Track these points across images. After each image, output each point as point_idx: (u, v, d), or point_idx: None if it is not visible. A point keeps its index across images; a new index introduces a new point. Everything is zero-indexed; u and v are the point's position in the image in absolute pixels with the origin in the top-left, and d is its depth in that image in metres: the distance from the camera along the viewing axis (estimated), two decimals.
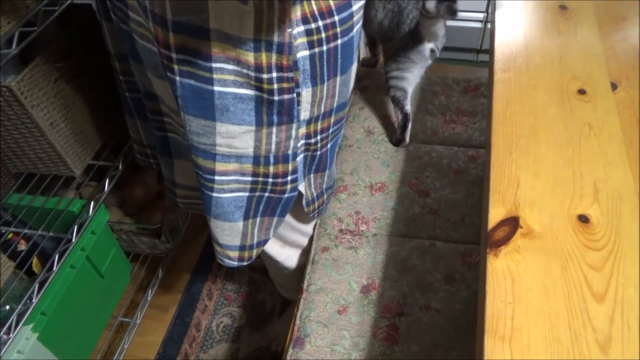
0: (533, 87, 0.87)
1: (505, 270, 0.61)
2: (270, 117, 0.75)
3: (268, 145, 0.79)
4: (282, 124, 0.77)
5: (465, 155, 1.26)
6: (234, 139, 0.76)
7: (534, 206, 0.68)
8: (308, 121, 0.80)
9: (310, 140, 0.84)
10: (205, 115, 0.73)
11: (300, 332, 0.95)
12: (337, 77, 0.78)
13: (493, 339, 0.55)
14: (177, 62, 0.68)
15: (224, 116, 0.73)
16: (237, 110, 0.72)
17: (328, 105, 0.81)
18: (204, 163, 0.80)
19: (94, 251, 1.14)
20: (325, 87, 0.77)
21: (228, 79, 0.69)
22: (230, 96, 0.71)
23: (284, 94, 0.73)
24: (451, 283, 0.99)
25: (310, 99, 0.77)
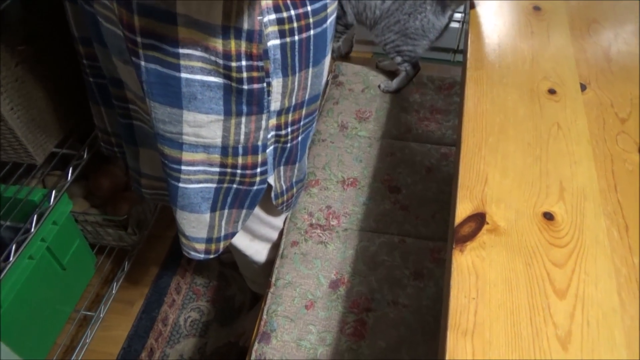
0: (504, 86, 0.88)
1: (470, 266, 0.61)
2: (239, 106, 0.73)
3: (237, 135, 0.77)
4: (251, 114, 0.75)
5: (437, 153, 1.26)
6: (202, 128, 0.74)
7: (500, 203, 0.68)
8: (279, 112, 0.79)
9: (280, 132, 0.82)
10: (171, 102, 0.71)
11: (266, 327, 0.94)
12: (309, 69, 0.77)
13: (455, 334, 0.55)
14: (143, 47, 0.65)
15: (191, 104, 0.71)
16: (204, 99, 0.70)
17: (300, 97, 0.79)
18: (170, 152, 0.77)
19: (55, 242, 1.10)
20: (297, 79, 0.76)
21: (196, 65, 0.67)
22: (197, 84, 0.69)
23: (254, 83, 0.71)
24: (419, 279, 0.99)
25: (281, 90, 0.75)
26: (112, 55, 0.75)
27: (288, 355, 0.90)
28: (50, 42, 1.09)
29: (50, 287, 1.13)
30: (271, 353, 0.90)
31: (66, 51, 1.11)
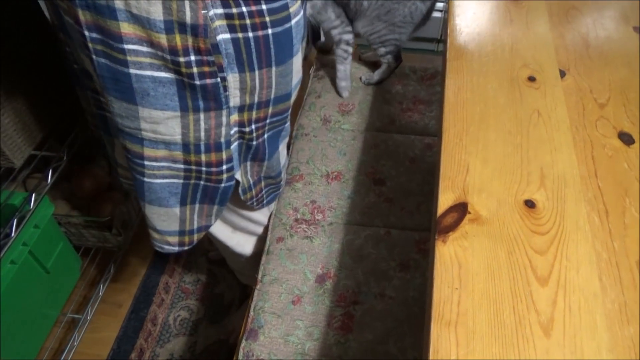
0: (484, 75, 0.88)
1: (452, 256, 0.61)
2: (195, 102, 0.72)
3: (197, 132, 0.76)
4: (209, 110, 0.73)
5: (421, 144, 1.26)
6: (159, 125, 0.73)
7: (482, 192, 0.68)
8: (240, 108, 0.77)
9: (244, 128, 0.81)
10: (125, 98, 0.69)
11: (254, 324, 0.93)
12: (272, 68, 0.75)
13: (439, 324, 0.55)
14: (91, 40, 0.64)
15: (144, 100, 0.69)
16: (158, 95, 0.69)
17: (264, 96, 0.78)
18: (132, 147, 0.76)
19: (37, 246, 1.09)
20: (258, 76, 0.74)
21: (144, 61, 0.66)
22: (148, 79, 0.67)
23: (206, 78, 0.69)
24: (406, 271, 1.00)
25: (239, 85, 0.74)
26: (77, 47, 0.73)
27: (276, 351, 0.90)
28: (23, 42, 1.06)
29: (34, 291, 1.11)
30: (259, 350, 0.90)
31: (40, 50, 1.09)
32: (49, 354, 1.28)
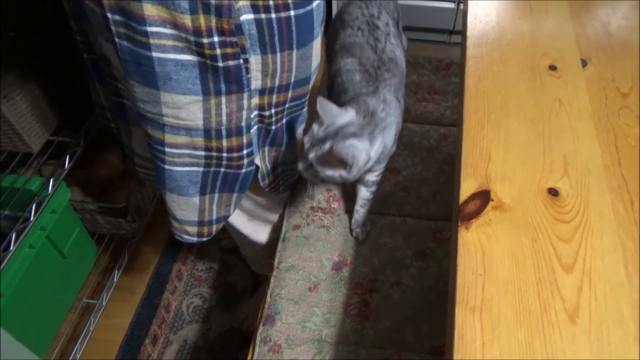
0: (504, 63, 0.87)
1: (476, 243, 0.61)
2: (217, 85, 0.71)
3: (218, 117, 0.75)
4: (231, 93, 0.73)
5: (437, 133, 1.25)
6: (180, 110, 0.73)
7: (504, 180, 0.68)
8: (261, 92, 0.77)
9: (264, 112, 0.81)
10: (147, 82, 0.69)
11: (270, 310, 0.94)
12: (293, 51, 0.75)
13: (464, 310, 0.55)
14: (113, 23, 0.64)
15: (167, 85, 0.69)
16: (180, 79, 0.69)
17: (284, 79, 0.78)
18: (153, 133, 0.76)
19: (55, 231, 1.09)
20: (279, 59, 0.74)
21: (167, 44, 0.65)
22: (171, 63, 0.67)
23: (229, 59, 0.69)
24: (422, 259, 0.99)
25: (261, 67, 0.73)
26: (96, 33, 0.73)
27: (293, 337, 0.90)
28: (40, 28, 1.07)
29: (51, 276, 1.12)
30: (276, 335, 0.90)
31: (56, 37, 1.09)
32: (65, 339, 1.29)
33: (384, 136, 0.86)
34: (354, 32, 1.00)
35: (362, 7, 1.04)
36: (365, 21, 1.01)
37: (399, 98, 0.95)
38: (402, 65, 1.02)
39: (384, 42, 0.99)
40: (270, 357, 0.88)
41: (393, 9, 1.10)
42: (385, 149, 0.88)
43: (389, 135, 0.88)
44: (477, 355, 0.51)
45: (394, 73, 0.96)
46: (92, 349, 1.30)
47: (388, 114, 0.88)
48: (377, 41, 0.98)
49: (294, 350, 0.88)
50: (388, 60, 0.97)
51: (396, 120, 0.91)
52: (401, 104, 0.96)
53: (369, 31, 1.00)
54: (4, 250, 0.94)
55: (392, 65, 0.96)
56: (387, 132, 0.87)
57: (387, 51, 0.98)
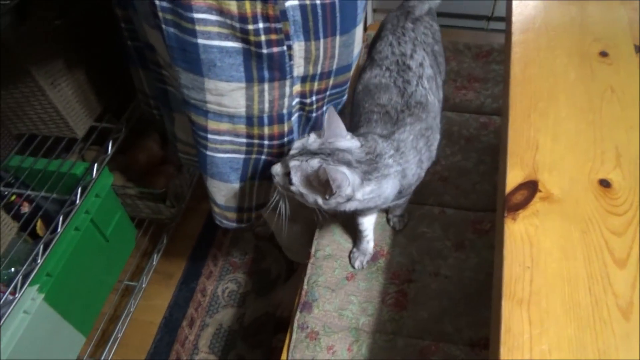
0: (552, 49, 0.84)
1: (523, 234, 0.59)
2: (260, 72, 0.71)
3: (261, 104, 0.76)
4: (274, 80, 0.73)
5: (476, 122, 1.23)
6: (224, 97, 0.73)
7: (553, 170, 0.66)
8: (303, 79, 0.77)
9: (305, 100, 0.80)
10: (192, 69, 0.70)
11: (307, 297, 0.94)
12: (337, 37, 0.74)
13: (511, 302, 0.54)
14: (161, 10, 0.65)
15: (211, 72, 0.69)
16: (224, 66, 0.69)
17: (327, 66, 0.77)
18: (196, 119, 0.77)
19: (98, 214, 1.13)
20: (322, 46, 0.73)
21: (212, 31, 0.66)
22: (215, 50, 0.67)
23: (273, 46, 0.69)
24: (461, 250, 0.98)
25: (304, 54, 0.73)
26: (142, 20, 0.74)
27: (330, 324, 0.90)
28: (84, 16, 1.09)
29: (95, 258, 1.16)
30: (313, 322, 0.91)
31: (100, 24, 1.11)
32: (106, 319, 1.34)
33: (380, 184, 0.75)
34: (381, 72, 0.88)
35: (393, 44, 0.91)
36: (395, 61, 0.89)
37: (420, 147, 0.82)
38: (435, 109, 0.88)
39: (415, 85, 0.87)
40: (308, 343, 0.89)
41: (432, 41, 0.95)
42: (378, 198, 0.77)
43: (388, 185, 0.77)
44: (525, 349, 0.50)
45: (420, 117, 0.84)
46: (132, 330, 1.34)
47: (395, 163, 0.78)
48: (406, 84, 0.86)
49: (331, 338, 0.89)
50: (415, 104, 0.85)
51: (404, 173, 0.80)
52: (423, 153, 0.83)
53: (398, 72, 0.88)
54: (51, 232, 0.98)
55: (418, 110, 0.84)
56: (385, 181, 0.76)
57: (417, 95, 0.86)
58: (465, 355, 0.85)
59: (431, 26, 0.98)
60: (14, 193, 1.09)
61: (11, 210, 1.05)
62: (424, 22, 0.97)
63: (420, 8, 0.98)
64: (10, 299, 0.90)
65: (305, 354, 0.88)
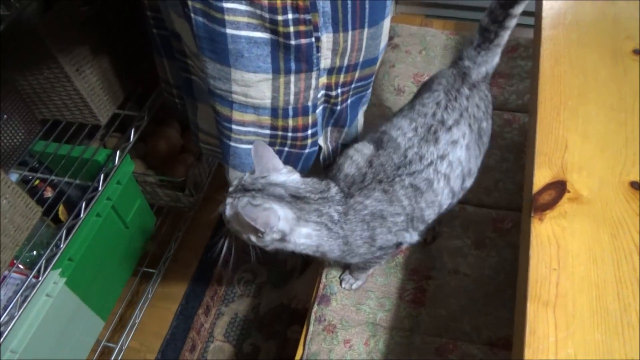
0: (583, 46, 0.82)
1: (550, 236, 0.58)
2: (287, 64, 0.71)
3: (286, 96, 0.75)
4: (300, 72, 0.73)
5: (500, 119, 1.21)
6: (250, 88, 0.73)
7: (582, 170, 0.65)
8: (329, 71, 0.76)
9: (330, 92, 0.80)
10: (219, 59, 0.69)
11: (326, 290, 0.94)
12: (365, 29, 0.73)
13: (536, 304, 0.53)
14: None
15: (238, 62, 0.69)
16: (252, 57, 0.69)
17: (353, 59, 0.76)
18: (221, 109, 0.77)
19: (119, 201, 1.14)
20: (350, 37, 0.73)
21: (241, 21, 0.65)
22: (244, 40, 0.67)
23: (302, 37, 0.68)
24: (481, 249, 0.97)
25: (332, 46, 0.72)
26: (169, 8, 0.74)
27: (347, 318, 0.90)
28: (111, 3, 1.09)
29: (115, 244, 1.17)
30: (331, 315, 0.91)
31: (126, 12, 1.11)
32: (124, 304, 1.36)
33: (319, 232, 0.69)
34: (406, 127, 0.77)
35: (440, 104, 0.78)
36: (429, 126, 0.76)
37: (373, 225, 0.72)
38: (434, 202, 0.75)
39: (425, 165, 0.74)
40: (325, 336, 0.89)
41: (482, 115, 0.81)
42: (317, 249, 0.71)
43: (328, 239, 0.71)
44: (550, 352, 0.49)
45: (394, 200, 0.72)
46: (149, 315, 1.36)
47: (338, 224, 0.70)
48: (418, 157, 0.74)
49: (348, 332, 0.89)
50: (408, 185, 0.73)
51: (346, 240, 0.72)
52: (377, 234, 0.73)
53: (421, 140, 0.75)
54: (74, 218, 0.99)
55: (403, 192, 0.73)
56: (326, 232, 0.70)
57: (419, 177, 0.74)
58: (483, 354, 0.84)
59: (486, 96, 0.85)
60: (37, 178, 1.10)
61: (35, 194, 1.07)
62: (481, 90, 0.83)
63: (477, 72, 0.84)
64: (33, 282, 0.92)
65: (322, 347, 0.88)
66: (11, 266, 0.96)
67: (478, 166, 0.82)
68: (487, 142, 0.85)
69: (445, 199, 0.77)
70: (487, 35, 0.82)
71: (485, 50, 0.83)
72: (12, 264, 0.96)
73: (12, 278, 0.96)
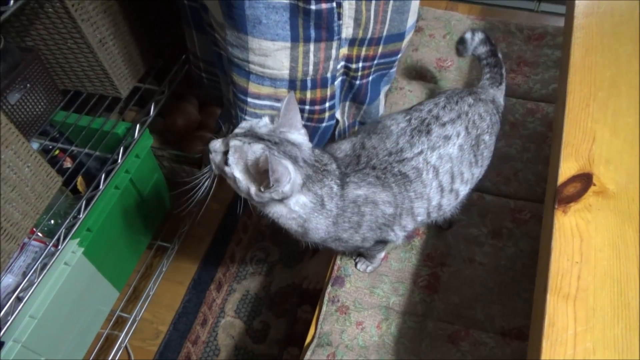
0: (617, 36, 0.80)
1: (573, 228, 0.58)
2: (307, 31, 0.69)
3: (305, 66, 0.73)
4: (320, 41, 0.71)
5: (523, 108, 1.19)
6: (267, 57, 0.71)
7: (609, 164, 0.63)
8: (351, 42, 0.74)
9: (350, 65, 0.78)
10: (237, 25, 0.68)
11: (340, 272, 0.95)
12: (390, 1, 0.71)
13: (556, 297, 0.52)
14: None
15: (255, 29, 0.67)
16: (270, 23, 0.67)
17: (377, 32, 0.74)
18: (238, 80, 0.76)
19: (137, 174, 1.15)
20: (374, 7, 0.70)
21: None
22: (262, 5, 0.65)
23: (322, 2, 0.66)
24: (498, 238, 0.96)
25: (354, 15, 0.70)
26: None
27: (361, 300, 0.91)
28: None
29: (131, 217, 1.19)
30: (344, 297, 0.91)
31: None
32: (139, 277, 1.38)
33: (315, 205, 0.69)
34: (400, 119, 0.77)
35: (438, 104, 0.79)
36: (423, 119, 0.76)
37: (364, 211, 0.72)
38: (422, 194, 0.75)
39: (415, 153, 0.74)
40: (338, 316, 0.89)
41: (486, 128, 0.80)
42: (302, 225, 0.71)
43: (319, 216, 0.70)
44: (569, 345, 0.49)
45: (384, 185, 0.72)
46: (163, 288, 1.38)
47: (335, 204, 0.70)
48: (408, 146, 0.74)
49: (361, 314, 0.89)
50: (397, 172, 0.73)
51: (336, 220, 0.72)
52: (365, 221, 0.73)
53: (413, 130, 0.75)
54: (93, 189, 1.00)
55: (392, 179, 0.73)
56: (319, 208, 0.70)
57: (408, 164, 0.73)
58: (495, 343, 0.84)
59: (494, 115, 0.84)
60: (58, 148, 1.11)
61: (55, 164, 1.08)
62: (488, 106, 0.83)
63: (486, 93, 0.86)
64: (52, 250, 0.93)
65: (335, 327, 0.88)
66: (31, 234, 0.98)
67: (474, 175, 0.82)
68: (488, 158, 0.85)
69: (434, 193, 0.77)
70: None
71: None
72: (32, 231, 0.97)
73: (32, 245, 0.98)
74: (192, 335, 1.31)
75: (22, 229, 0.87)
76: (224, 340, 1.31)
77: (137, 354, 1.27)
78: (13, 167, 0.82)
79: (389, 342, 0.86)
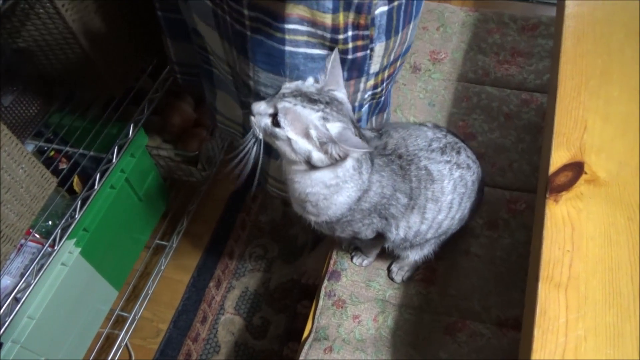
0: (609, 24, 0.79)
1: (565, 217, 0.58)
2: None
3: None
4: (350, 79, 0.74)
5: (517, 99, 1.18)
6: None
7: (601, 152, 0.63)
8: (377, 73, 0.76)
9: (376, 90, 0.80)
10: (274, 70, 0.70)
11: (336, 266, 0.95)
12: (411, 23, 0.73)
13: (548, 285, 0.52)
14: (249, 19, 0.65)
15: (293, 73, 0.70)
16: (307, 69, 0.70)
17: (398, 52, 0.76)
18: None
19: (133, 173, 1.15)
20: (399, 37, 0.73)
21: (300, 40, 0.66)
22: (301, 56, 0.68)
23: (358, 51, 0.69)
24: (493, 229, 0.96)
25: (383, 52, 0.73)
26: (194, 14, 0.74)
27: (357, 294, 0.91)
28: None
29: (128, 216, 1.19)
30: (340, 290, 0.92)
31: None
32: (138, 276, 1.38)
33: (353, 175, 0.69)
34: (430, 133, 0.79)
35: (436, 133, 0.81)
36: (455, 142, 0.80)
37: (386, 193, 0.74)
38: (429, 205, 0.76)
39: (445, 162, 0.76)
40: (334, 310, 0.90)
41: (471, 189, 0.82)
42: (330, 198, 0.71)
43: (352, 185, 0.71)
44: (560, 333, 0.49)
45: (404, 176, 0.74)
46: (162, 287, 1.38)
47: (369, 175, 0.71)
48: (442, 152, 0.77)
49: (357, 307, 0.90)
50: (424, 168, 0.75)
51: (365, 196, 0.73)
52: (381, 203, 0.74)
53: (447, 143, 0.78)
54: (88, 189, 1.00)
55: (417, 176, 0.74)
56: (353, 180, 0.70)
57: (436, 166, 0.76)
58: (492, 334, 0.84)
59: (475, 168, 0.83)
60: (53, 149, 1.11)
61: (50, 165, 1.08)
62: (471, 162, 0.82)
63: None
64: (49, 251, 0.94)
65: (331, 321, 0.89)
66: (27, 235, 0.98)
67: (460, 216, 0.83)
68: (466, 209, 0.84)
69: (445, 206, 0.78)
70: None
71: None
72: (28, 232, 0.97)
73: (29, 247, 0.98)
74: (192, 332, 1.32)
75: (18, 231, 0.88)
76: (224, 337, 1.31)
77: (138, 353, 1.28)
78: (7, 169, 0.82)
79: (386, 335, 0.86)
